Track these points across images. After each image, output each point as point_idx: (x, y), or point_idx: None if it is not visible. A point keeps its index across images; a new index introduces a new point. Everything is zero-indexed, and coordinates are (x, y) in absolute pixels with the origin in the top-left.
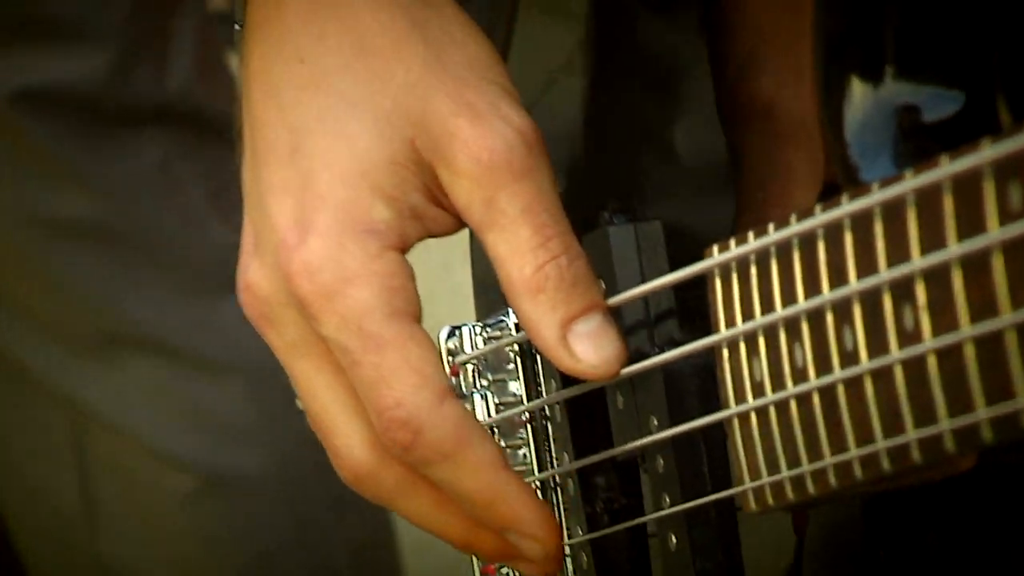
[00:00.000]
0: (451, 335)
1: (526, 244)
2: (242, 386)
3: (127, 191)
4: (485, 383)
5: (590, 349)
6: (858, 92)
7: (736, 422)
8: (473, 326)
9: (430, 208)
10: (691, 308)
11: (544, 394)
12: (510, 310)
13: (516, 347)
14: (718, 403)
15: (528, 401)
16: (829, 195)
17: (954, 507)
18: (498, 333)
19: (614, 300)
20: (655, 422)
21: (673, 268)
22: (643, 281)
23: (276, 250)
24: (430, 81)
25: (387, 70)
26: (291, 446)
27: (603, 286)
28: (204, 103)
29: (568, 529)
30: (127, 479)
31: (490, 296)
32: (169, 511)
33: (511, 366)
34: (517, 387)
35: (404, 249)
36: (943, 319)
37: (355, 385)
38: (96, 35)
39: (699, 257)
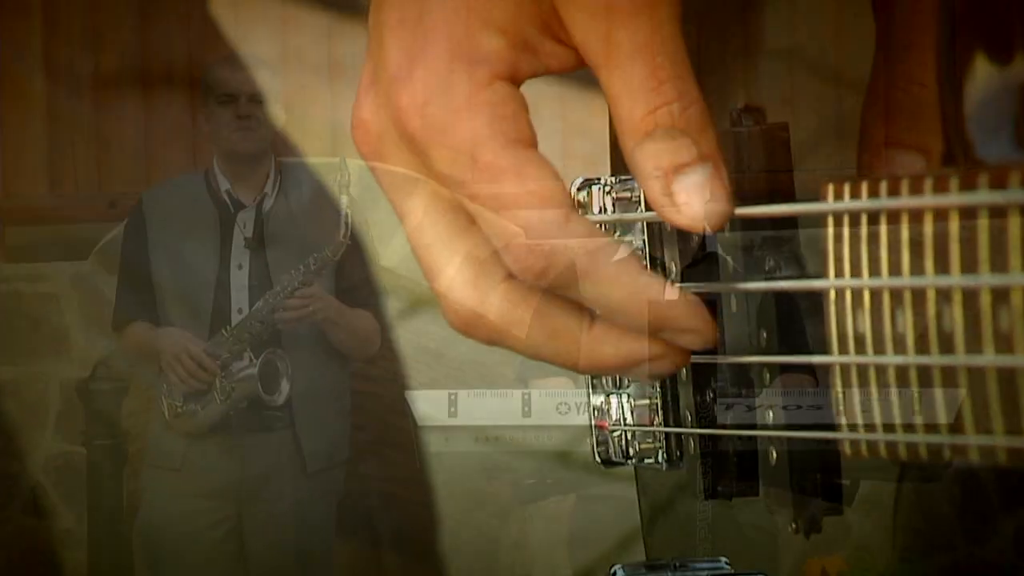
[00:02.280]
0: (582, 188)
1: (639, 85)
2: None
3: None
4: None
5: (693, 202)
6: (982, 67)
7: (837, 367)
8: (605, 183)
9: (545, 42)
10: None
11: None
12: None
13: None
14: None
15: None
16: (948, 161)
17: None
18: (627, 193)
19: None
20: (764, 335)
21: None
22: (767, 185)
23: (387, 85)
24: None
25: None
26: None
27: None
28: None
29: (675, 415)
30: None
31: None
32: None
33: (639, 236)
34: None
35: (516, 81)
36: None
37: (476, 219)
38: None
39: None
